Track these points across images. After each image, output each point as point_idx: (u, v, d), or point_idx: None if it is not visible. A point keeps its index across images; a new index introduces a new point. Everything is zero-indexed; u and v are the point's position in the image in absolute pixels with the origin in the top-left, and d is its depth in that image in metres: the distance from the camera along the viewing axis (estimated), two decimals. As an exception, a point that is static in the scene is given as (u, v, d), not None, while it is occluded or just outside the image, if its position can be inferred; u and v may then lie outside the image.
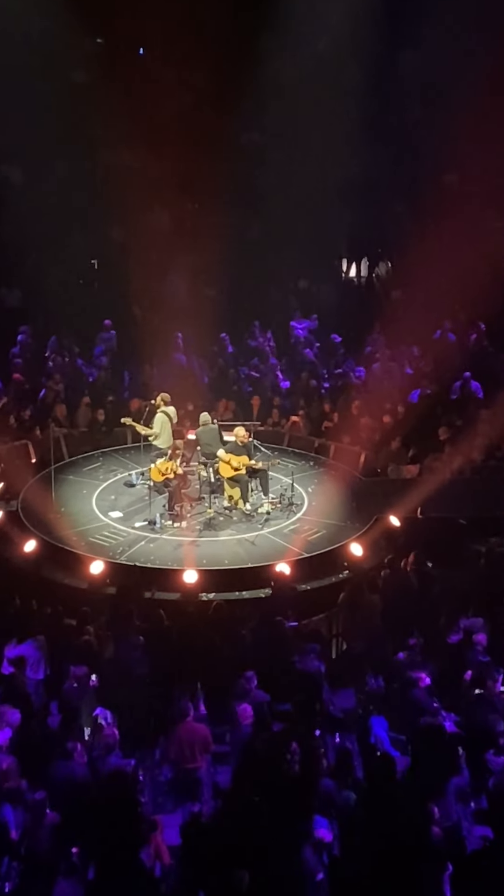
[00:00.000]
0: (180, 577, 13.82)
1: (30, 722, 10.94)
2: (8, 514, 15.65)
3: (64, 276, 23.00)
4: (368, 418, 18.30)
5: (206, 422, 16.28)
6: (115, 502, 16.45)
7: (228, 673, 11.81)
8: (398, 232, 24.18)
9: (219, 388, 20.07)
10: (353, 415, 18.51)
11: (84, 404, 19.10)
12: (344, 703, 12.15)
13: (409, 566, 14.07)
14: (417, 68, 24.52)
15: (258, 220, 23.96)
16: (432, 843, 9.21)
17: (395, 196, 24.41)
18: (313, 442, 18.63)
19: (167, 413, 16.31)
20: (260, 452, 16.50)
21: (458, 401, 18.89)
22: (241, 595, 14.04)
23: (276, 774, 10.09)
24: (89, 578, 14.08)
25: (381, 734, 11.15)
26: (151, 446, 16.44)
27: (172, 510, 15.72)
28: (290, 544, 15.06)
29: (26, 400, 19.11)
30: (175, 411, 16.53)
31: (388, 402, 18.69)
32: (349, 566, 14.62)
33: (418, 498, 15.79)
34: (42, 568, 14.58)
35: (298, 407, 19.54)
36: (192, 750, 10.82)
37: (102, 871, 9.30)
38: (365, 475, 17.18)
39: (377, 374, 20.04)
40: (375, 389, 19.44)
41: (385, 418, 18.21)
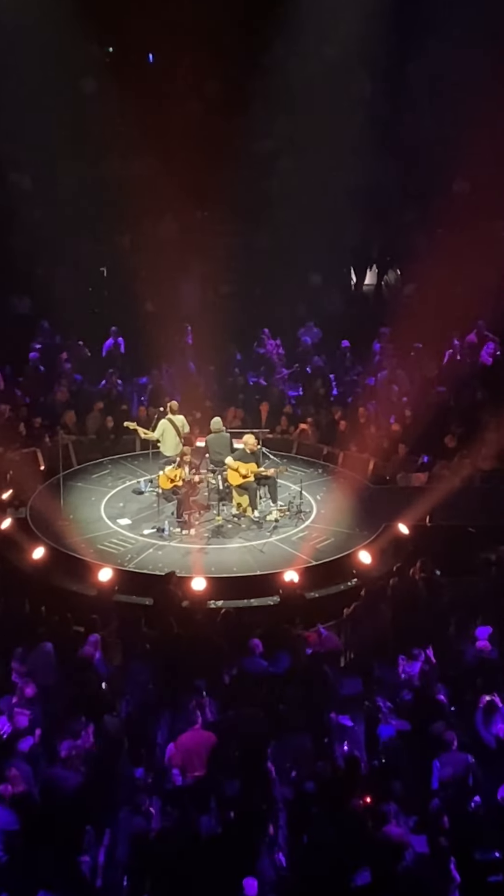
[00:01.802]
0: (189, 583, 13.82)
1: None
2: (17, 521, 15.67)
3: (73, 284, 23.03)
4: (377, 426, 18.27)
5: (219, 429, 16.26)
6: (124, 509, 16.46)
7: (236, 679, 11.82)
8: (407, 240, 24.17)
9: (227, 395, 20.06)
10: (361, 422, 18.49)
11: (96, 409, 19.12)
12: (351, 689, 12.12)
13: (417, 574, 14.02)
14: (427, 77, 24.51)
15: (267, 229, 23.97)
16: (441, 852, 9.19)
17: (405, 204, 24.39)
18: (322, 449, 18.62)
19: (173, 421, 16.31)
20: (268, 460, 16.50)
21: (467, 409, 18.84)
22: (249, 602, 14.03)
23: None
24: (98, 586, 14.07)
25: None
26: (160, 454, 16.45)
27: (181, 517, 15.72)
28: (299, 552, 15.05)
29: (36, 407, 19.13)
30: (184, 420, 16.53)
31: (397, 409, 18.65)
32: (358, 574, 14.59)
33: (427, 506, 15.78)
34: (50, 575, 14.58)
35: (307, 414, 19.54)
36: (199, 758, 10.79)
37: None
38: (374, 483, 17.16)
39: (386, 382, 20.01)
40: (384, 397, 19.41)
41: (394, 426, 18.19)
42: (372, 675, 12.14)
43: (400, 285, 24.26)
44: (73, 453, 18.00)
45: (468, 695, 11.71)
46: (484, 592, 13.93)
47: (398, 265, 24.60)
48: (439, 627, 13.17)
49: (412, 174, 24.40)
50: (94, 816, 9.76)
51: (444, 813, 9.68)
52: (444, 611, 13.52)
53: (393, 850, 9.28)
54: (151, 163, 23.93)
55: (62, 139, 23.24)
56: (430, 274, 20.97)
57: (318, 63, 24.14)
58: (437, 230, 23.00)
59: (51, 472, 17.26)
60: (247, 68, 23.66)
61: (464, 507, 15.85)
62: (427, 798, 10.22)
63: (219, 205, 24.03)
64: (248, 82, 23.47)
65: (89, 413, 19.16)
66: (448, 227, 22.09)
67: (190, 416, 17.15)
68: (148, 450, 17.38)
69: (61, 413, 18.97)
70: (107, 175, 23.99)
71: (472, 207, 22.02)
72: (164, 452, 16.38)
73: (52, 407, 19.28)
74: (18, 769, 10.08)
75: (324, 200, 23.05)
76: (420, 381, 19.98)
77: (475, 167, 21.99)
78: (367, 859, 9.42)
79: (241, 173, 23.37)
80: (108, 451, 18.53)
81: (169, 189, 23.04)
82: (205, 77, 25.08)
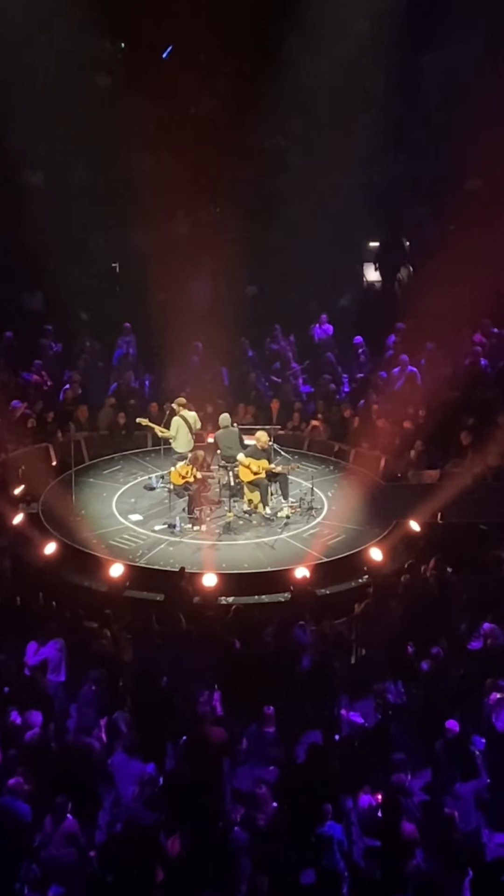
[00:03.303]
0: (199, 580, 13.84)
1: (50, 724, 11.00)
2: (29, 516, 15.70)
3: (85, 280, 23.07)
4: (388, 423, 18.24)
5: (226, 424, 16.28)
6: (135, 505, 16.48)
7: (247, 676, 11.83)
8: (420, 237, 24.11)
9: (239, 392, 20.06)
10: (373, 419, 18.47)
11: (109, 405, 19.15)
12: (363, 704, 12.12)
13: (429, 571, 14.01)
14: (440, 73, 24.44)
15: (279, 225, 23.94)
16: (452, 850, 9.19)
17: (417, 201, 24.33)
18: (333, 446, 18.60)
19: (185, 417, 16.33)
20: (280, 456, 16.49)
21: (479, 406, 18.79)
22: (260, 599, 14.04)
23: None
24: (109, 581, 14.09)
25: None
26: (172, 450, 16.47)
27: (192, 514, 15.73)
28: (310, 548, 15.04)
29: (48, 402, 19.16)
30: (196, 416, 16.55)
31: (409, 406, 18.62)
32: (369, 571, 14.58)
33: (439, 503, 15.73)
34: (62, 570, 14.61)
35: (318, 411, 19.53)
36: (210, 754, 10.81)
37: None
38: (385, 480, 17.14)
39: (397, 379, 19.97)
40: (396, 394, 19.38)
41: (405, 423, 18.16)
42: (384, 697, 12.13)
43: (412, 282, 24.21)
44: (84, 449, 18.03)
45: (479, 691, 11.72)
46: (495, 589, 13.91)
47: (410, 262, 24.53)
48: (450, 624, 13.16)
49: (425, 171, 24.33)
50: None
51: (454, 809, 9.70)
52: (456, 608, 13.51)
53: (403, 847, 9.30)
54: (164, 159, 23.92)
55: (75, 135, 23.25)
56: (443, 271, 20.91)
57: (331, 60, 24.05)
58: (450, 227, 22.92)
59: (63, 467, 17.30)
60: (259, 65, 23.61)
61: (476, 505, 15.80)
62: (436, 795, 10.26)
63: (231, 201, 24.01)
64: (261, 79, 23.40)
65: (101, 409, 19.18)
66: (461, 224, 22.01)
67: (201, 412, 17.16)
68: (159, 446, 17.40)
69: (73, 409, 18.99)
70: (119, 171, 23.99)
71: (484, 204, 21.93)
72: (176, 449, 16.40)
73: (63, 403, 19.30)
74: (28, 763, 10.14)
75: (336, 197, 23.02)
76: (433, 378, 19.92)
77: (488, 164, 21.92)
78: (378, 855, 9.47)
79: (253, 170, 23.38)
80: (120, 447, 18.55)
81: (181, 186, 23.04)
82: (217, 74, 25.04)
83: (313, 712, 11.89)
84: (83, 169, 23.98)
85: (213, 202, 24.60)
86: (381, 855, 9.68)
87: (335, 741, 11.34)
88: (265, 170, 24.04)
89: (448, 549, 14.65)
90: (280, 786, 10.20)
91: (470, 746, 10.86)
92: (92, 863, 9.55)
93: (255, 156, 23.84)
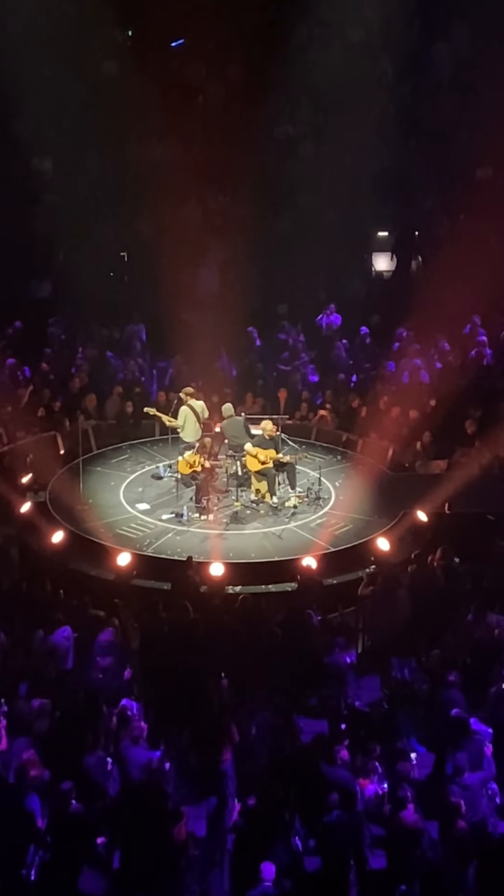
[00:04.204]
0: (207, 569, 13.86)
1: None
2: (36, 504, 15.73)
3: (94, 269, 23.06)
4: (397, 412, 18.21)
5: (230, 414, 16.26)
6: (143, 494, 16.49)
7: (254, 665, 11.84)
8: (429, 226, 24.03)
9: (246, 382, 20.04)
10: (381, 409, 18.44)
11: (116, 394, 19.16)
12: (369, 693, 12.12)
13: (436, 562, 14.00)
14: (450, 61, 24.32)
15: (288, 214, 23.89)
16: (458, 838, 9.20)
17: (427, 190, 24.24)
18: (341, 436, 18.58)
19: (193, 407, 16.33)
20: (287, 446, 16.48)
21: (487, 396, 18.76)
22: (267, 588, 14.05)
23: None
24: (116, 570, 14.11)
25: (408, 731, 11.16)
26: (179, 439, 16.48)
27: (199, 503, 15.73)
28: (317, 538, 15.05)
29: (55, 391, 19.18)
30: (204, 405, 16.54)
31: (417, 396, 18.59)
32: (376, 561, 14.57)
33: (446, 493, 15.71)
34: (69, 559, 14.64)
35: (326, 401, 19.50)
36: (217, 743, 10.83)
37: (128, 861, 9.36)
38: (393, 470, 17.12)
39: (406, 369, 19.93)
40: (403, 384, 19.34)
41: (412, 413, 18.13)
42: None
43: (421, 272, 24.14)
44: (92, 438, 18.03)
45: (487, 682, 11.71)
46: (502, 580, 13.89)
47: (420, 251, 24.46)
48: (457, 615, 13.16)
49: (435, 160, 24.23)
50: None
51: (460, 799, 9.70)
52: (462, 598, 13.51)
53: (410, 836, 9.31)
54: (173, 147, 23.88)
55: (84, 123, 23.21)
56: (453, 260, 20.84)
57: (341, 47, 23.99)
58: (460, 216, 22.84)
59: (70, 456, 17.32)
60: (269, 53, 23.53)
61: (483, 495, 15.77)
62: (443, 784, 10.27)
63: (240, 190, 23.95)
64: (271, 67, 23.32)
65: (108, 398, 19.19)
66: (470, 213, 21.93)
67: (208, 402, 17.16)
68: (167, 435, 17.41)
69: (81, 397, 19.00)
70: (128, 159, 23.96)
71: (495, 193, 21.84)
72: (184, 438, 16.41)
73: (71, 391, 19.31)
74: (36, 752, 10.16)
75: (345, 186, 22.94)
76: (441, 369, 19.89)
77: (499, 153, 21.81)
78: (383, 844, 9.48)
79: (262, 158, 23.30)
80: (128, 436, 18.56)
81: (190, 174, 23.01)
82: (227, 61, 24.95)
83: (320, 701, 11.90)
84: (92, 157, 23.95)
85: (221, 191, 24.54)
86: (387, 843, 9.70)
87: (341, 730, 11.33)
88: (274, 158, 23.96)
89: (455, 539, 14.63)
90: (286, 775, 10.22)
91: (477, 736, 10.85)
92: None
93: (264, 144, 23.77)
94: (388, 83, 24.23)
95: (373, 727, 11.30)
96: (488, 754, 10.56)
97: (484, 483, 15.92)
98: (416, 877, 9.21)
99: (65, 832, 9.42)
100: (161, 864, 9.23)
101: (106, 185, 23.50)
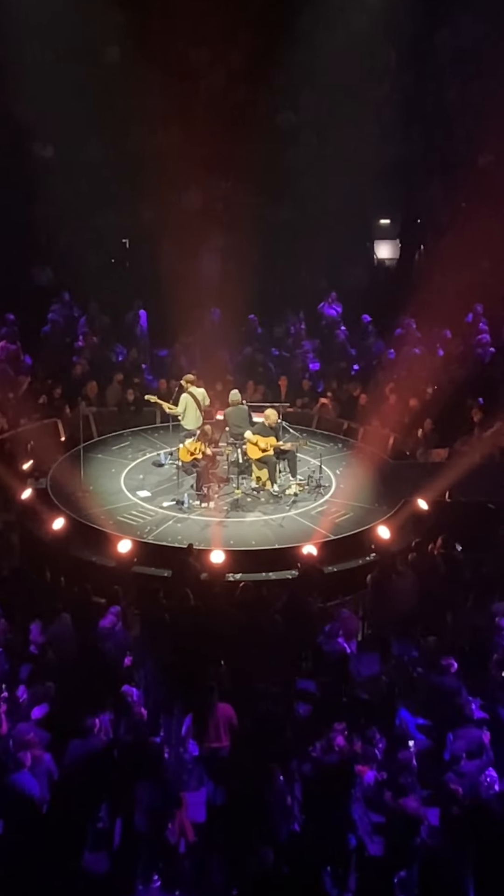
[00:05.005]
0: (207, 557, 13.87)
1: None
2: (37, 491, 15.73)
3: (95, 256, 22.99)
4: (397, 401, 18.21)
5: (236, 402, 16.25)
6: (144, 482, 16.50)
7: (254, 653, 11.87)
8: (432, 214, 23.98)
9: (247, 369, 20.02)
10: (382, 397, 18.44)
11: (116, 381, 19.15)
12: (369, 667, 12.16)
13: (436, 550, 14.02)
14: (454, 48, 24.22)
15: (290, 201, 23.84)
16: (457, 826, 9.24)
17: (430, 177, 24.18)
18: (342, 424, 18.58)
19: (194, 394, 16.32)
20: (288, 434, 16.48)
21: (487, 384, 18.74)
22: (267, 576, 14.06)
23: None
24: (116, 557, 14.13)
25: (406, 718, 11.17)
26: (180, 426, 16.48)
27: (200, 490, 15.74)
28: (318, 526, 15.05)
29: (56, 378, 19.17)
30: (205, 393, 16.53)
31: (418, 384, 18.58)
32: (376, 549, 14.59)
33: (447, 481, 15.71)
34: (70, 546, 14.65)
35: (328, 389, 19.49)
36: (217, 729, 10.87)
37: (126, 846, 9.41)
38: (393, 458, 17.13)
39: (407, 357, 19.92)
40: (405, 372, 19.33)
41: (412, 401, 18.12)
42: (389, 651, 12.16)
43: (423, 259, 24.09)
44: (93, 425, 18.03)
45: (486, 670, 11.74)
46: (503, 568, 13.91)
47: (422, 239, 24.41)
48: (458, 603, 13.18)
49: (437, 147, 24.16)
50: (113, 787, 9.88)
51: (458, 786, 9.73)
52: (463, 586, 13.53)
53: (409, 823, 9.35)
54: (174, 133, 23.80)
55: (85, 109, 23.11)
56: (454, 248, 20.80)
57: (344, 34, 23.88)
58: (462, 203, 22.78)
59: (71, 443, 17.31)
60: (272, 39, 23.43)
61: (484, 483, 15.77)
62: (441, 771, 10.30)
63: (242, 176, 23.89)
64: (273, 53, 23.24)
65: (109, 385, 19.18)
66: (472, 201, 21.87)
67: (211, 390, 17.14)
68: (168, 422, 17.40)
69: (82, 384, 18.99)
70: (130, 146, 23.88)
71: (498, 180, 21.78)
72: (185, 426, 16.40)
73: (71, 378, 19.30)
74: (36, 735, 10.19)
75: (347, 173, 22.88)
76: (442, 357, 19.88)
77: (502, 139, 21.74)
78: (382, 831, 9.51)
79: (264, 145, 23.23)
80: (129, 423, 18.56)
81: (192, 160, 22.94)
82: (229, 47, 24.85)
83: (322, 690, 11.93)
84: (94, 143, 23.87)
85: (223, 177, 24.47)
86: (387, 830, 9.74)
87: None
88: (276, 145, 23.90)
89: (456, 527, 14.64)
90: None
91: (475, 723, 10.89)
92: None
93: (266, 131, 23.68)
94: (390, 69, 24.16)
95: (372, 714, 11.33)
96: (486, 741, 10.59)
97: (485, 471, 15.92)
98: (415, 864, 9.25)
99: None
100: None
101: (107, 172, 23.42)
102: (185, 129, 23.61)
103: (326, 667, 12.03)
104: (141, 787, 9.75)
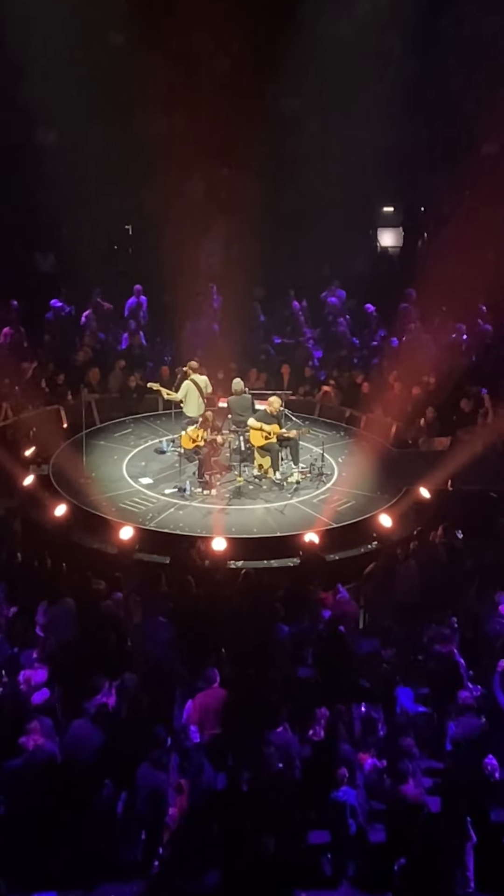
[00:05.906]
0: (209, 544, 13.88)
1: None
2: (39, 478, 15.74)
3: (98, 242, 22.94)
4: (400, 389, 18.19)
5: (239, 390, 16.24)
6: (146, 469, 16.50)
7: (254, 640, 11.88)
8: (435, 202, 23.92)
9: (250, 356, 20.01)
10: (384, 385, 18.41)
11: (119, 368, 19.14)
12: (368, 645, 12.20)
13: (438, 539, 14.02)
14: (458, 36, 24.10)
15: (293, 188, 23.78)
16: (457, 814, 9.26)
17: (434, 165, 24.11)
18: (345, 412, 18.57)
19: (196, 381, 16.31)
20: (290, 421, 16.47)
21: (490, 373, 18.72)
22: (269, 564, 14.07)
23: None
24: (118, 544, 14.14)
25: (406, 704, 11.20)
26: (182, 413, 16.47)
27: (202, 478, 15.74)
28: (320, 514, 15.06)
29: (59, 364, 19.16)
30: (207, 380, 16.52)
31: (420, 373, 18.56)
32: (378, 537, 14.60)
33: (449, 470, 15.71)
34: (72, 532, 14.67)
35: (330, 377, 19.47)
36: (215, 716, 10.88)
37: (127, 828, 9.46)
38: (396, 446, 17.12)
39: (409, 345, 19.90)
40: (407, 360, 19.30)
41: (414, 389, 18.10)
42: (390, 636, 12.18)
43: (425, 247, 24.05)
44: (95, 411, 18.03)
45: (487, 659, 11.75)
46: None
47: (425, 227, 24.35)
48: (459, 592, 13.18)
49: (441, 135, 24.08)
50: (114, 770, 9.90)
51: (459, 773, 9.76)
52: (465, 575, 13.53)
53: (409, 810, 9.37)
54: (178, 120, 23.72)
55: (88, 95, 23.04)
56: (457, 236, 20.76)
57: (348, 21, 23.78)
58: (466, 191, 22.72)
59: (73, 429, 17.32)
60: (275, 26, 23.33)
61: (486, 472, 15.77)
62: (442, 758, 10.32)
63: (245, 164, 23.83)
64: (277, 39, 23.14)
65: (111, 372, 19.17)
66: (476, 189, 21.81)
67: (213, 378, 17.13)
68: (170, 409, 17.40)
69: (84, 371, 18.99)
70: (133, 132, 23.82)
71: (501, 168, 21.72)
72: (187, 413, 16.41)
73: (74, 365, 19.29)
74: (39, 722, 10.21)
75: (350, 160, 22.81)
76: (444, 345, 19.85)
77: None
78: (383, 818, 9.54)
79: (267, 132, 23.18)
80: (131, 410, 18.56)
81: (195, 147, 22.86)
82: (233, 34, 24.74)
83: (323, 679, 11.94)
84: (97, 129, 23.81)
85: (226, 164, 24.41)
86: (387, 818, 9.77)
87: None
88: (280, 132, 23.84)
89: (458, 516, 14.64)
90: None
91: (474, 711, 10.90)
92: None
93: (269, 118, 23.63)
94: (394, 57, 24.05)
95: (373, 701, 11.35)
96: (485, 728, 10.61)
97: (487, 460, 15.91)
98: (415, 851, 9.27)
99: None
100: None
101: (110, 158, 23.36)
102: (188, 116, 23.52)
103: (327, 653, 12.03)
104: (142, 772, 9.77)
